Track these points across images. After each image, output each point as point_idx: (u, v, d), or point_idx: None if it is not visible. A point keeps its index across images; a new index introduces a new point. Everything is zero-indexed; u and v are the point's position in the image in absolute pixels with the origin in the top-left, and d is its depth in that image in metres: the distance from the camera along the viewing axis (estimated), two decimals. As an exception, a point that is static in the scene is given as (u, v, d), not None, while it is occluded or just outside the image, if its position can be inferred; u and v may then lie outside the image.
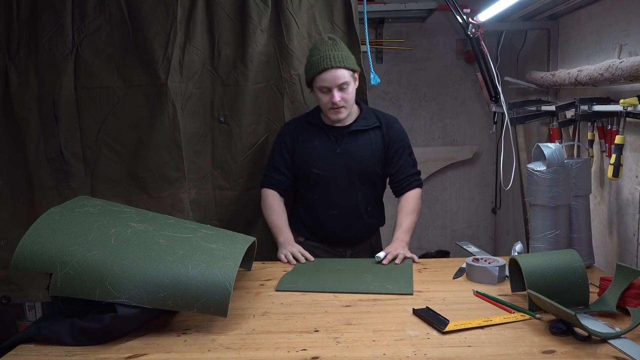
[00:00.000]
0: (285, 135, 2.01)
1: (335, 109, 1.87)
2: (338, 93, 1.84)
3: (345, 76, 1.84)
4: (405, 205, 1.99)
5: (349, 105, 1.89)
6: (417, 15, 3.03)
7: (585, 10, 2.12)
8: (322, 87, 1.86)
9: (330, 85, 1.84)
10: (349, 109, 1.91)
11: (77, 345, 1.23)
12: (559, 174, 1.61)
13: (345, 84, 1.85)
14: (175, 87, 2.07)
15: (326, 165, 1.94)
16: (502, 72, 2.65)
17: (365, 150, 1.95)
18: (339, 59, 1.84)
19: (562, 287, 1.33)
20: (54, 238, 1.32)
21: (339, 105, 1.86)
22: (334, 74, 1.83)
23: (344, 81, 1.84)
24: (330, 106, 1.87)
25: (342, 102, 1.86)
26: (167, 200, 2.13)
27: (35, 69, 2.06)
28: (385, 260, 1.78)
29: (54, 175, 2.11)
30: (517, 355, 1.14)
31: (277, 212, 1.97)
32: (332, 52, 1.84)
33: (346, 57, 1.87)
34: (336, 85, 1.84)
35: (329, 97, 1.85)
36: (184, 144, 2.10)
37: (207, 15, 2.08)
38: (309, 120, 1.99)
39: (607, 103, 1.79)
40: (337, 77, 1.83)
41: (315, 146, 1.96)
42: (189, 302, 1.28)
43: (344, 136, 1.94)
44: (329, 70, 1.83)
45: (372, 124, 1.96)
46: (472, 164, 3.47)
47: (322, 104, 1.89)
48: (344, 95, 1.86)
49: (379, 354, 1.16)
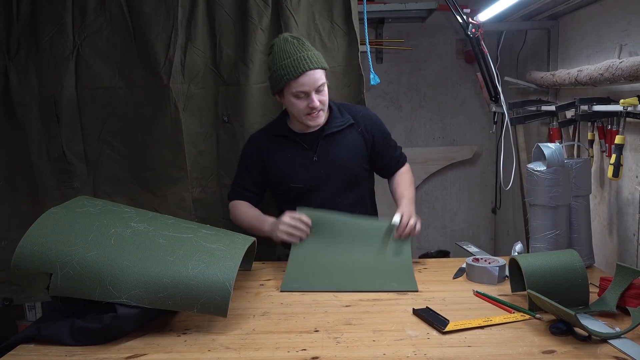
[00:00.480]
0: (251, 151, 1.89)
1: (313, 115, 1.75)
2: (316, 96, 1.73)
3: (322, 77, 1.74)
4: (401, 180, 1.93)
5: (326, 107, 1.79)
6: (417, 15, 3.03)
7: (585, 10, 2.12)
8: (298, 92, 1.72)
9: (308, 89, 1.71)
10: (325, 112, 1.81)
11: (77, 345, 1.23)
12: (559, 174, 1.61)
13: (322, 86, 1.74)
14: (178, 88, 2.08)
15: (305, 177, 1.83)
16: (502, 72, 2.65)
17: (344, 152, 1.84)
18: (314, 59, 1.71)
19: (562, 287, 1.33)
20: (54, 238, 1.32)
21: (318, 109, 1.74)
22: (312, 77, 1.70)
23: (322, 82, 1.73)
24: (307, 112, 1.74)
25: (321, 105, 1.74)
26: (171, 198, 2.14)
27: (35, 69, 2.07)
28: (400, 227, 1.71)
29: (56, 175, 2.12)
30: (517, 355, 1.14)
31: (250, 211, 1.87)
32: (303, 52, 1.71)
33: (317, 55, 1.75)
34: (314, 88, 1.72)
35: (307, 102, 1.73)
36: (186, 143, 2.11)
37: (207, 15, 2.09)
38: (275, 132, 1.87)
39: (607, 103, 1.79)
40: (316, 79, 1.71)
41: (289, 159, 1.83)
42: (189, 302, 1.28)
43: (318, 141, 1.82)
44: (307, 73, 1.69)
45: (346, 122, 1.85)
46: (472, 164, 3.47)
47: (298, 110, 1.75)
48: (322, 98, 1.75)
49: (379, 354, 1.16)
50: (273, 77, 1.76)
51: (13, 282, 2.12)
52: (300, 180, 1.84)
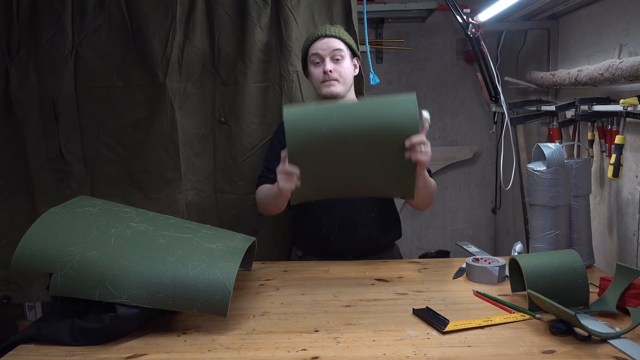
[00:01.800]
0: (279, 135, 1.88)
1: (327, 82, 1.74)
2: (331, 63, 1.74)
3: (339, 45, 1.75)
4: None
5: (343, 80, 1.77)
6: (417, 15, 3.03)
7: (585, 10, 2.12)
8: (314, 56, 1.76)
9: (322, 53, 1.74)
10: (344, 86, 1.78)
11: (77, 345, 1.23)
12: (559, 174, 1.61)
13: (339, 54, 1.74)
14: (174, 86, 2.07)
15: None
16: (502, 72, 2.66)
17: None
18: (335, 29, 1.77)
19: (562, 287, 1.33)
20: (54, 238, 1.32)
21: (332, 77, 1.73)
22: (327, 43, 1.74)
23: (337, 48, 1.74)
24: (322, 78, 1.75)
25: (335, 73, 1.74)
26: (164, 201, 2.12)
27: (35, 69, 2.07)
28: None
29: (54, 176, 2.11)
30: (517, 355, 1.14)
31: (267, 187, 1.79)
32: (328, 27, 1.80)
33: (344, 33, 1.79)
34: (329, 52, 1.74)
35: (321, 68, 1.75)
36: (181, 144, 2.09)
37: (206, 14, 2.09)
38: None
39: (607, 103, 1.79)
40: (330, 44, 1.74)
41: None
42: (189, 302, 1.28)
43: None
44: (322, 38, 1.75)
45: None
46: (472, 164, 3.47)
47: (314, 79, 1.78)
48: (338, 67, 1.75)
49: (379, 354, 1.16)
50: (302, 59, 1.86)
51: (12, 280, 2.12)
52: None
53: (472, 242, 2.14)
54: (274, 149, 1.89)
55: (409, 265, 1.80)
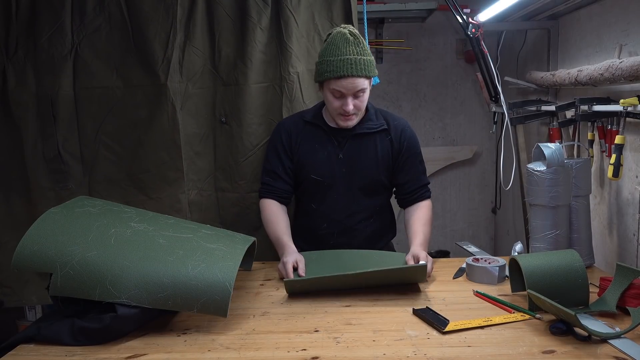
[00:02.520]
0: (281, 135, 1.85)
1: (345, 117, 1.73)
2: (353, 101, 1.69)
3: (363, 84, 1.69)
4: (419, 214, 1.80)
5: (360, 112, 1.76)
6: (417, 15, 3.04)
7: (585, 10, 2.12)
8: (335, 90, 1.69)
9: (346, 92, 1.68)
10: (360, 116, 1.77)
11: (77, 345, 1.23)
12: (559, 174, 1.61)
13: (361, 92, 1.70)
14: (175, 87, 2.07)
15: (327, 171, 1.79)
16: (502, 72, 2.66)
17: (369, 156, 1.79)
18: (361, 66, 1.66)
19: (562, 287, 1.33)
20: (54, 238, 1.32)
21: (351, 113, 1.71)
22: (352, 83, 1.66)
23: (361, 89, 1.69)
24: (340, 112, 1.72)
25: (354, 109, 1.71)
26: (166, 201, 2.12)
27: (33, 69, 2.06)
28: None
29: (51, 176, 2.09)
30: (517, 355, 1.14)
31: (276, 223, 1.79)
32: (355, 56, 1.66)
33: (369, 62, 1.69)
34: (352, 93, 1.68)
35: (341, 103, 1.70)
36: (183, 144, 2.09)
37: (207, 15, 2.08)
38: (310, 120, 1.83)
39: (607, 103, 1.79)
40: (355, 86, 1.67)
41: (316, 149, 1.80)
42: (189, 302, 1.28)
43: (347, 140, 1.79)
44: (349, 77, 1.65)
45: (379, 127, 1.80)
46: (472, 164, 3.47)
47: (332, 108, 1.73)
48: (358, 103, 1.71)
49: (379, 354, 1.16)
50: (318, 67, 1.74)
51: (5, 284, 2.08)
52: (320, 174, 1.80)
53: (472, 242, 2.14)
54: (275, 149, 1.88)
55: (409, 265, 1.80)
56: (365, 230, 1.86)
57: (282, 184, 1.84)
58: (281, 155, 1.85)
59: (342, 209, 1.83)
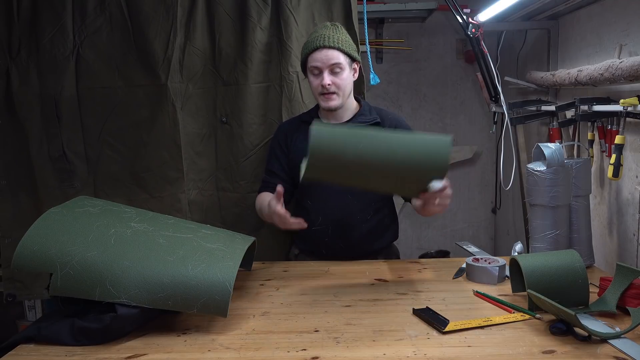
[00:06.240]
0: (279, 136, 1.90)
1: (325, 95, 1.74)
2: (329, 76, 1.71)
3: (338, 58, 1.71)
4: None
5: (341, 92, 1.75)
6: (417, 15, 3.04)
7: (585, 10, 2.12)
8: (312, 68, 1.73)
9: (321, 65, 1.71)
10: (342, 98, 1.76)
11: (77, 345, 1.23)
12: (559, 174, 1.61)
13: (338, 67, 1.71)
14: (176, 87, 2.08)
15: None
16: (502, 72, 2.65)
17: None
18: (334, 39, 1.71)
19: (562, 287, 1.33)
20: (54, 238, 1.32)
21: (330, 91, 1.72)
22: (325, 54, 1.70)
23: (336, 62, 1.71)
24: (320, 90, 1.73)
25: (332, 86, 1.71)
26: (167, 200, 2.14)
27: (36, 69, 2.07)
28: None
29: (57, 175, 2.12)
30: (517, 355, 1.14)
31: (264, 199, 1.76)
32: (328, 32, 1.73)
33: (344, 40, 1.73)
34: (327, 66, 1.71)
35: (319, 80, 1.72)
36: (183, 144, 2.11)
37: (207, 15, 2.09)
38: (306, 119, 1.85)
39: (607, 103, 1.79)
40: (329, 57, 1.70)
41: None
42: (189, 302, 1.28)
43: None
44: (321, 49, 1.70)
45: (371, 120, 1.82)
46: (472, 164, 3.47)
47: (313, 89, 1.77)
48: (336, 80, 1.72)
49: (379, 354, 1.16)
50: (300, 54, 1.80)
51: (17, 279, 2.14)
52: None
53: (472, 242, 2.14)
54: (274, 151, 1.90)
55: (409, 265, 1.80)
56: (361, 227, 1.85)
57: (279, 182, 1.84)
58: (278, 154, 1.88)
59: (336, 205, 1.82)
